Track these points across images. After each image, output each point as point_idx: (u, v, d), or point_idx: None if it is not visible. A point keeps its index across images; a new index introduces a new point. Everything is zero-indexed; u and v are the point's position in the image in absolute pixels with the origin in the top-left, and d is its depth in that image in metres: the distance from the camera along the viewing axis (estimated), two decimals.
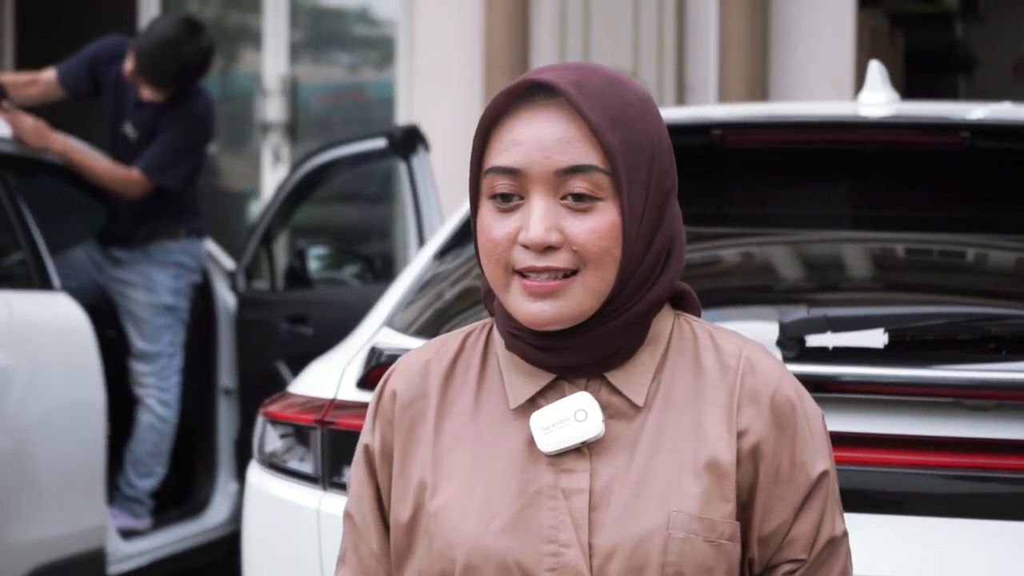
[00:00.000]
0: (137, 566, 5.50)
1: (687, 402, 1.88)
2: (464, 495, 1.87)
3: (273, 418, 3.25)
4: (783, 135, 3.47)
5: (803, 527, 1.88)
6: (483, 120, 1.89)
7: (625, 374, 1.88)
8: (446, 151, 8.05)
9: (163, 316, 5.69)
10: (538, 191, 1.83)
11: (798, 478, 1.87)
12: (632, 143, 1.84)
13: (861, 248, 3.50)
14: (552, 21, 8.50)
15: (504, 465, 1.87)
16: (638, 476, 1.84)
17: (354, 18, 10.42)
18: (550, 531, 1.84)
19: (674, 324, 1.92)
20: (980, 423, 2.73)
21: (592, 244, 1.81)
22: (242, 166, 10.34)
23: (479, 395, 1.92)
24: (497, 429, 1.89)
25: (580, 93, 1.82)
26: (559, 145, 1.82)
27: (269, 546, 3.29)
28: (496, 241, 1.84)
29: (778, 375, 1.90)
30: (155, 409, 5.65)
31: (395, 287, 3.53)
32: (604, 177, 1.82)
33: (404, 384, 1.95)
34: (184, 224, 5.78)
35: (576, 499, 1.84)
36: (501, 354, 1.93)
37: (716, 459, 1.85)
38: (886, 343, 2.82)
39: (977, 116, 3.37)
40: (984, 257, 3.46)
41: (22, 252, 5.13)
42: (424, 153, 5.97)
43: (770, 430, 1.87)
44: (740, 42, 8.20)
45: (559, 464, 1.86)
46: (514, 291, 1.85)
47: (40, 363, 4.88)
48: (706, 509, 1.83)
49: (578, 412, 1.85)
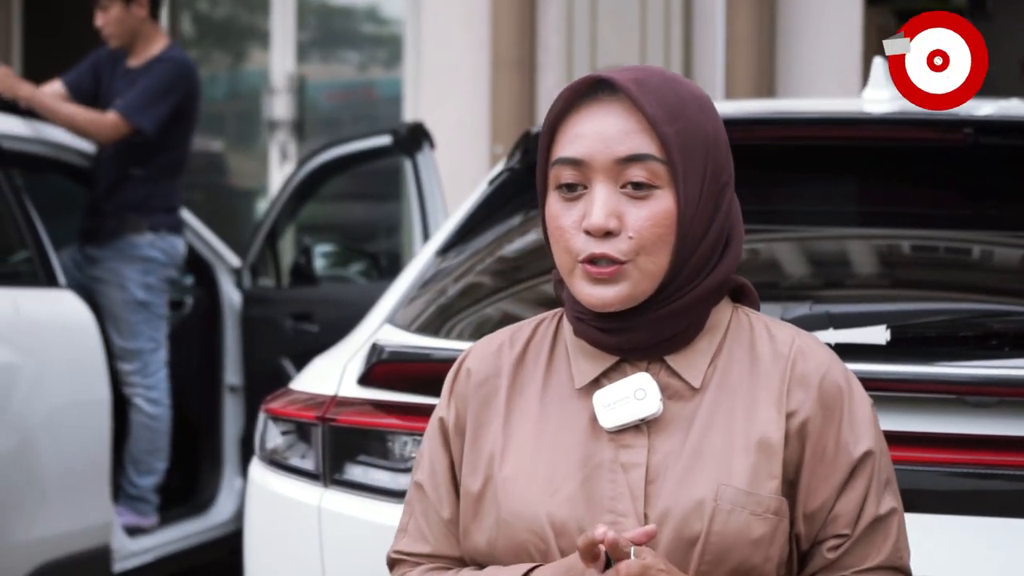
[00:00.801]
0: (142, 563, 5.50)
1: (741, 386, 2.01)
2: (530, 467, 2.02)
3: (275, 415, 3.25)
4: (785, 131, 3.47)
5: (846, 505, 1.99)
6: (549, 116, 2.03)
7: (684, 358, 2.02)
8: (453, 149, 8.05)
9: (137, 312, 5.63)
10: (600, 180, 1.97)
11: (841, 458, 2.00)
12: (688, 136, 1.98)
13: (864, 245, 3.50)
14: (559, 19, 8.50)
15: (569, 440, 2.02)
16: (692, 452, 1.98)
17: (361, 17, 10.43)
18: (610, 501, 1.98)
19: (732, 315, 2.07)
20: (982, 420, 2.72)
21: (648, 230, 1.96)
22: (249, 164, 10.35)
23: (548, 376, 2.08)
24: (563, 407, 2.05)
25: (639, 89, 1.97)
26: (619, 136, 1.97)
27: (270, 542, 3.29)
28: (563, 228, 1.99)
29: (828, 361, 2.04)
30: (144, 408, 5.63)
31: (397, 284, 3.53)
32: (661, 166, 1.96)
33: (479, 364, 2.10)
34: (150, 218, 5.67)
35: (634, 472, 1.98)
36: (569, 339, 2.08)
37: (765, 438, 1.98)
38: (888, 340, 2.81)
39: (981, 113, 3.36)
40: (987, 254, 3.45)
41: (28, 250, 5.13)
42: (429, 150, 5.97)
43: (817, 412, 2.00)
44: (747, 40, 8.20)
45: (619, 440, 2.00)
46: (578, 276, 1.99)
47: (45, 360, 4.88)
48: (753, 484, 1.96)
49: (638, 391, 1.99)
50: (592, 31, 8.41)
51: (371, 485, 3.06)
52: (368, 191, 9.19)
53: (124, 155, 5.69)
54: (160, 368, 5.70)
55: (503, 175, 3.69)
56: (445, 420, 2.11)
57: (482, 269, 3.47)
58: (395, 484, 3.02)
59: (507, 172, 3.68)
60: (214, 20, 10.87)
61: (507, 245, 3.54)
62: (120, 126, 5.63)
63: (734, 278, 2.07)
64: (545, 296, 3.43)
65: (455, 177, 7.27)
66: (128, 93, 5.71)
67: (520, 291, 3.45)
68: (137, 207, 5.67)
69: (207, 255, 6.14)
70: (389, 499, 3.02)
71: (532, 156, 3.61)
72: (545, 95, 8.57)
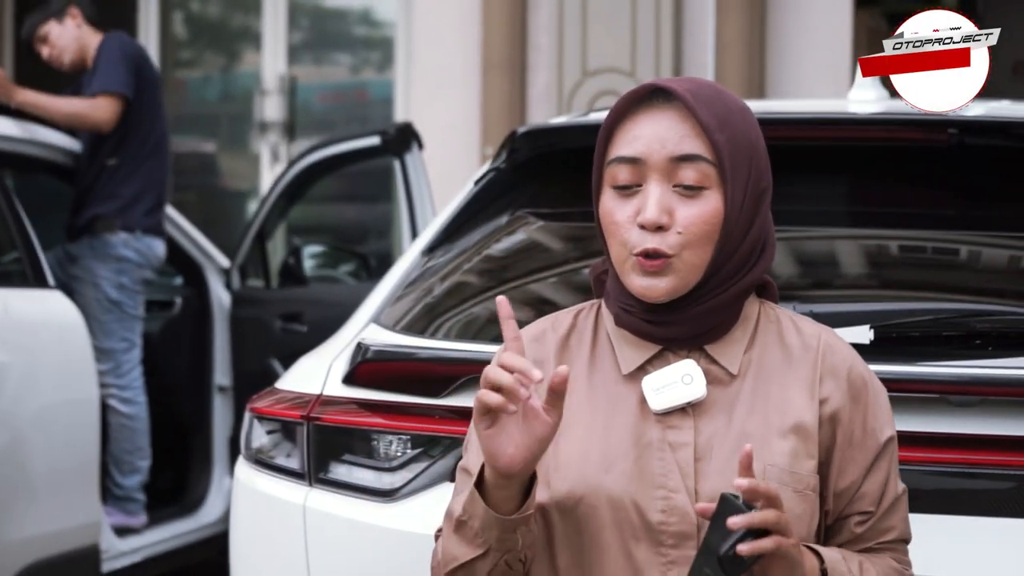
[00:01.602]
0: (131, 563, 5.51)
1: (775, 373, 2.20)
2: (584, 446, 2.17)
3: (260, 414, 3.24)
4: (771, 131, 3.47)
5: (871, 484, 2.22)
6: (608, 119, 2.19)
7: (722, 347, 2.21)
8: (445, 150, 8.06)
9: (109, 312, 5.61)
10: (654, 178, 2.15)
11: (869, 443, 2.21)
12: (736, 143, 2.15)
13: (848, 244, 3.50)
14: (550, 22, 8.51)
15: (620, 422, 2.18)
16: (736, 434, 2.15)
17: (353, 19, 10.44)
18: (660, 478, 2.14)
19: (760, 309, 2.26)
20: (965, 419, 2.73)
21: (696, 227, 2.13)
22: (241, 165, 10.35)
23: (592, 363, 2.24)
24: (610, 392, 2.21)
25: (694, 98, 2.14)
26: (674, 138, 2.14)
27: (256, 541, 3.28)
28: (618, 224, 2.17)
29: (852, 356, 2.25)
30: (119, 409, 5.62)
31: (383, 283, 3.53)
32: (711, 168, 2.14)
33: (525, 349, 2.16)
34: (124, 217, 5.68)
35: (682, 451, 2.15)
36: (611, 329, 2.25)
37: (801, 422, 2.17)
38: (872, 339, 2.82)
39: (965, 113, 3.37)
40: (971, 254, 3.45)
41: (17, 250, 5.13)
42: (418, 151, 5.98)
43: (846, 400, 2.20)
44: (737, 43, 8.21)
45: (666, 421, 2.17)
46: (630, 268, 2.16)
47: (35, 360, 4.88)
48: (794, 464, 2.15)
49: (684, 376, 2.17)
50: (583, 33, 8.41)
51: (356, 484, 3.05)
52: (357, 192, 9.20)
53: (98, 148, 5.71)
54: (134, 367, 5.68)
55: (489, 175, 3.69)
56: None
57: (468, 269, 3.47)
58: (380, 483, 3.02)
59: (493, 172, 3.68)
60: (206, 21, 10.87)
61: (493, 244, 3.54)
62: (112, 102, 5.68)
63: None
64: (531, 295, 3.44)
65: (446, 178, 7.27)
66: (94, 77, 5.77)
67: (506, 291, 3.45)
68: (113, 202, 5.66)
69: (196, 255, 6.14)
70: (374, 498, 3.02)
71: (518, 156, 3.61)
72: (536, 97, 8.58)
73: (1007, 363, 2.77)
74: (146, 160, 5.80)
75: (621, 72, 8.18)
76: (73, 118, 5.65)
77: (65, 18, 5.90)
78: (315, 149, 6.31)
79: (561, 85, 8.43)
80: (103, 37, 5.92)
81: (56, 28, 5.91)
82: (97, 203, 5.67)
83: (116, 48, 5.83)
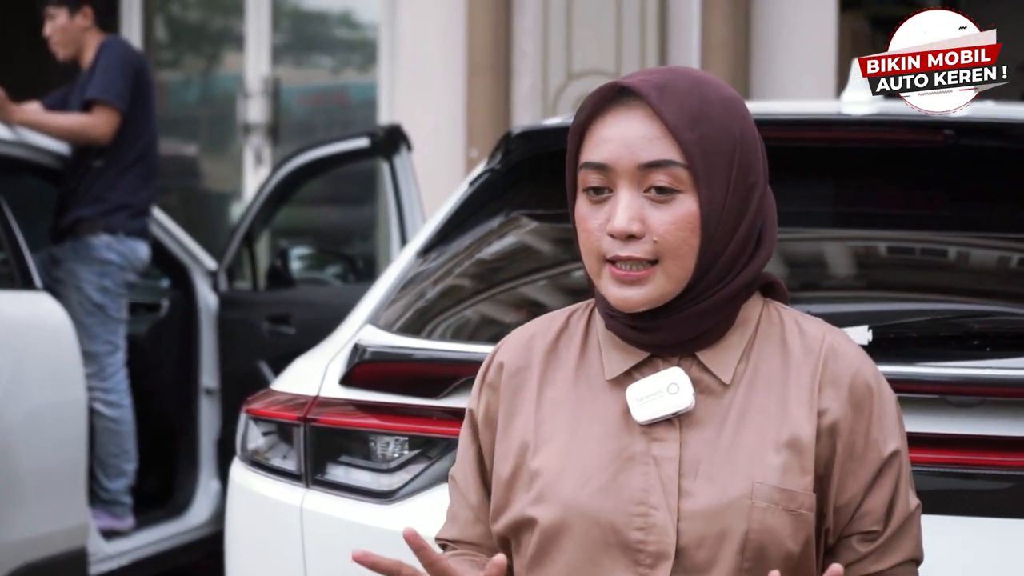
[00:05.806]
0: (119, 566, 5.49)
1: (772, 382, 2.05)
2: (562, 457, 2.05)
3: (256, 415, 3.23)
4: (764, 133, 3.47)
5: (875, 501, 2.05)
6: (576, 120, 2.06)
7: (715, 354, 2.05)
8: (428, 152, 8.05)
9: (93, 315, 5.59)
10: (624, 184, 2.00)
11: (871, 455, 2.04)
12: (711, 140, 1.99)
13: (844, 246, 3.50)
14: (535, 23, 8.50)
15: (600, 432, 2.05)
16: (725, 449, 2.01)
17: (336, 21, 10.42)
18: (641, 493, 2.01)
19: (763, 311, 2.10)
20: (964, 420, 2.73)
21: (670, 234, 1.98)
22: (224, 167, 10.33)
23: (579, 367, 2.11)
24: (595, 399, 2.08)
25: (660, 95, 1.99)
26: (642, 142, 1.99)
27: (252, 543, 3.28)
28: (590, 231, 2.03)
29: (859, 360, 2.07)
30: (103, 412, 5.60)
31: (378, 285, 3.52)
32: (683, 171, 1.98)
33: (511, 355, 2.14)
34: (107, 220, 5.65)
35: (666, 465, 2.01)
36: (601, 331, 2.11)
37: (797, 435, 2.01)
38: (870, 340, 2.82)
39: (959, 114, 3.38)
40: (967, 254, 3.46)
41: (4, 252, 5.11)
42: (407, 153, 5.98)
43: (848, 410, 2.03)
44: (722, 44, 8.21)
45: (651, 433, 2.03)
46: (605, 277, 2.03)
47: (23, 362, 4.86)
48: (786, 481, 1.99)
49: (671, 385, 2.02)
50: (568, 35, 8.41)
51: (353, 485, 3.05)
52: (344, 194, 9.18)
53: (85, 149, 5.71)
54: (118, 371, 5.66)
55: (484, 176, 3.68)
56: (475, 412, 2.17)
57: (463, 270, 3.47)
58: (377, 484, 3.02)
59: (488, 173, 3.67)
60: (188, 24, 10.84)
61: (488, 246, 3.53)
62: (108, 115, 5.67)
63: (764, 274, 2.11)
64: (525, 297, 3.43)
65: (431, 181, 7.26)
66: (90, 82, 5.74)
67: (501, 292, 3.45)
68: (96, 205, 5.64)
69: (183, 258, 6.12)
70: (371, 499, 3.01)
71: (512, 157, 3.60)
72: (520, 99, 8.57)
73: (1006, 363, 2.77)
74: (133, 165, 5.78)
75: (606, 74, 8.17)
76: (71, 134, 5.66)
77: (76, 15, 5.89)
78: (304, 151, 6.31)
79: (546, 87, 8.43)
80: (104, 40, 5.90)
81: (64, 19, 5.90)
82: (81, 206, 5.66)
83: (117, 55, 5.81)
